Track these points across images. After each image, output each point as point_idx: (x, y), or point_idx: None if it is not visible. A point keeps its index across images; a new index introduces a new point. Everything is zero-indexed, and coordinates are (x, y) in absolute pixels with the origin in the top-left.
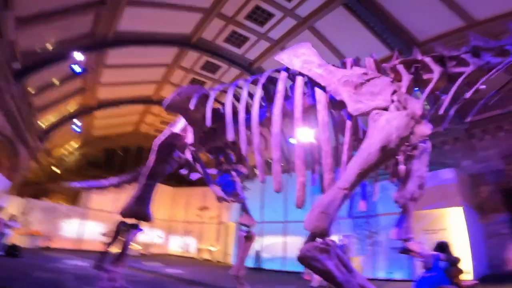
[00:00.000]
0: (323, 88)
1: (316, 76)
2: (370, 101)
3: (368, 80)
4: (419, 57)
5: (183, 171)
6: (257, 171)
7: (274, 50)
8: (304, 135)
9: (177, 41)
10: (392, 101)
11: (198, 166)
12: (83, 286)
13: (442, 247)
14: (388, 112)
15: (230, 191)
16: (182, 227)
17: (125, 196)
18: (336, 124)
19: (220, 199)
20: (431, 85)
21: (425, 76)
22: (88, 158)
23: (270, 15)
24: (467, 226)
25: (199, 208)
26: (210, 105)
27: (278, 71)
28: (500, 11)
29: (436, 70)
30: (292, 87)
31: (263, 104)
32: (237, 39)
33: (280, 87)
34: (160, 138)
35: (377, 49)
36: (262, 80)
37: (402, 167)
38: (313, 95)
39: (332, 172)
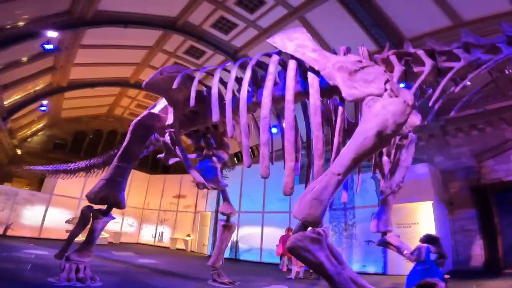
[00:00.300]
0: (316, 72)
1: (310, 60)
2: (364, 87)
3: (362, 68)
4: (411, 50)
5: (161, 155)
6: (231, 162)
7: (262, 38)
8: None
9: (162, 24)
10: (385, 89)
11: (177, 150)
12: (44, 277)
13: (432, 239)
14: (384, 98)
15: (210, 177)
16: (155, 215)
17: (94, 181)
18: (322, 113)
19: (200, 185)
20: (422, 77)
21: (416, 69)
22: (54, 141)
23: (261, 2)
24: (436, 221)
25: (175, 196)
26: (195, 84)
27: (268, 55)
28: (488, 13)
29: (428, 63)
30: (280, 74)
31: (249, 89)
32: (224, 25)
33: (272, 69)
34: (138, 118)
35: (365, 44)
36: (253, 62)
37: (385, 158)
38: (301, 82)
39: (322, 158)
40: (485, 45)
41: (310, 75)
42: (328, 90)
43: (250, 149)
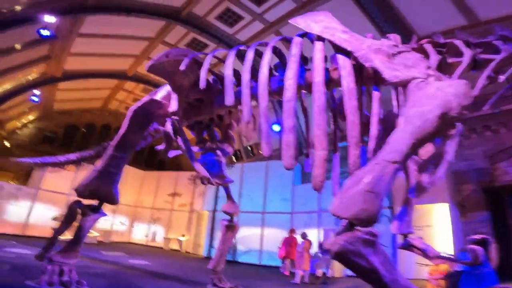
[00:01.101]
0: (347, 54)
1: (341, 41)
2: (405, 71)
3: (399, 52)
4: (442, 40)
5: (160, 147)
6: (229, 160)
7: (267, 33)
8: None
9: (165, 14)
10: (428, 75)
11: (179, 140)
12: (22, 279)
13: (485, 241)
14: (436, 80)
15: (215, 171)
16: (149, 213)
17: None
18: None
19: (204, 179)
20: (462, 67)
21: (450, 60)
22: (44, 133)
23: None
24: (452, 223)
25: (170, 194)
26: (206, 66)
27: (286, 39)
28: (505, 13)
29: (467, 53)
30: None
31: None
32: (230, 17)
33: (295, 51)
34: (137, 104)
35: None
36: (272, 43)
37: (430, 149)
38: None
39: (359, 147)
40: None
41: (341, 57)
42: (358, 75)
43: (249, 148)
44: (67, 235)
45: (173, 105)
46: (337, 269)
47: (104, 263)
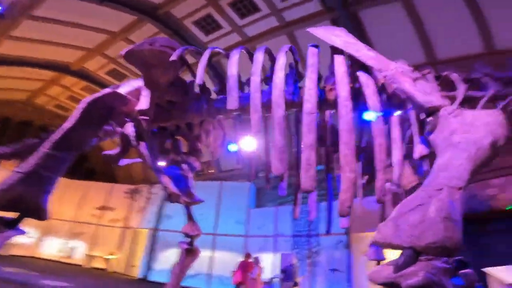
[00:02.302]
0: (370, 73)
1: (367, 58)
2: (432, 97)
3: (417, 79)
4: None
5: (109, 152)
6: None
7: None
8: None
9: (141, 8)
10: (448, 103)
11: (142, 147)
12: None
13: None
14: (468, 110)
15: (181, 188)
16: (68, 227)
17: None
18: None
19: (172, 196)
20: (458, 101)
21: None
22: None
23: (256, 9)
24: None
25: (99, 207)
26: (204, 61)
27: (292, 50)
28: (461, 54)
29: (461, 87)
30: (289, 76)
31: (266, 86)
32: (209, 25)
33: (312, 61)
34: (95, 95)
35: None
36: (285, 49)
37: (413, 179)
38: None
39: (386, 172)
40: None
41: (363, 75)
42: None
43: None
44: None
45: (144, 103)
46: None
47: (7, 283)
